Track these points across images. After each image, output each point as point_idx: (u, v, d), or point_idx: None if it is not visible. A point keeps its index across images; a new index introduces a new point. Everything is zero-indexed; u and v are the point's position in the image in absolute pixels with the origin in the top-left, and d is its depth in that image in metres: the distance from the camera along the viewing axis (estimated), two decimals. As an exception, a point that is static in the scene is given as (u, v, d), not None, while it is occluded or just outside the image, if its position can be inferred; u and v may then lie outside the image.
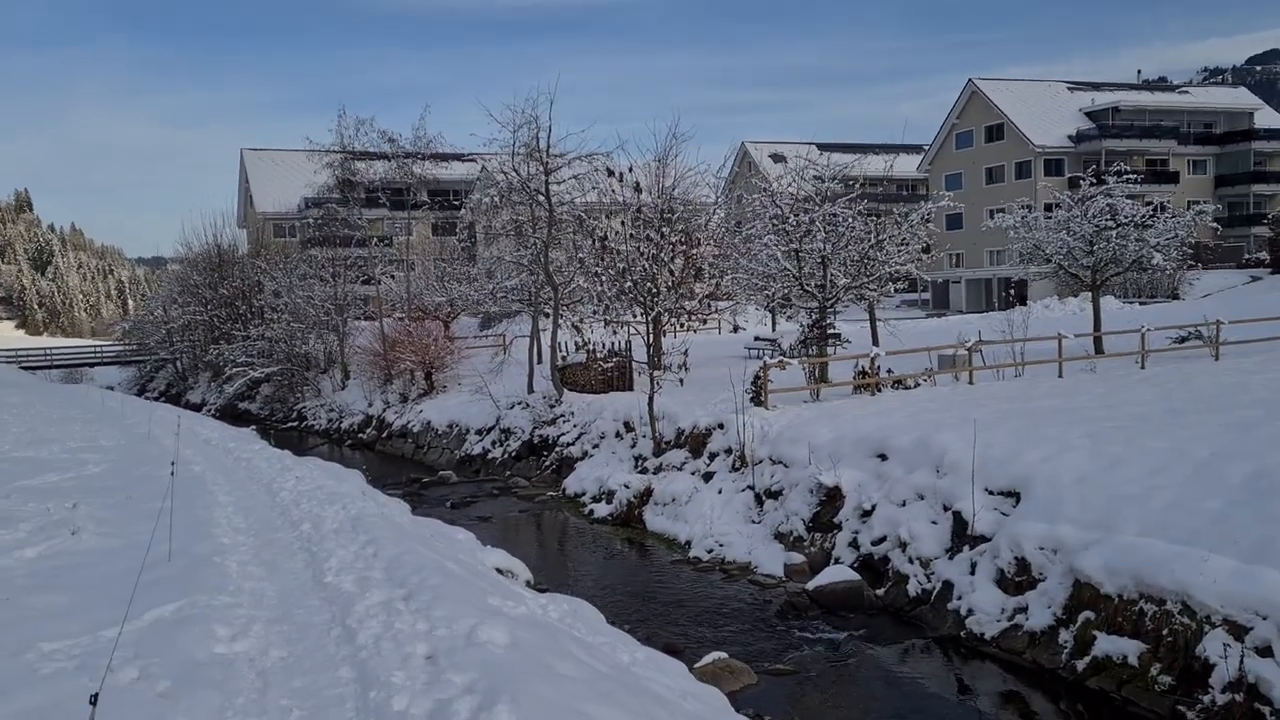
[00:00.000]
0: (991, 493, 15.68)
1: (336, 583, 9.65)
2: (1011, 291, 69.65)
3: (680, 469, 24.01)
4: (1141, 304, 61.24)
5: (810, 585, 16.67)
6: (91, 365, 76.34)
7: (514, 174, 30.76)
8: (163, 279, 75.87)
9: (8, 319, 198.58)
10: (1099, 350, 32.70)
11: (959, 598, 14.62)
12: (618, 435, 27.85)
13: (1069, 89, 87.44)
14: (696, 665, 12.85)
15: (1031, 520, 14.40)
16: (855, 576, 16.45)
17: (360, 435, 43.57)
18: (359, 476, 22.84)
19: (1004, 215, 35.20)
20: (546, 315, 36.01)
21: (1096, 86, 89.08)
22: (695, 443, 24.34)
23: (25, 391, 48.67)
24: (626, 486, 23.85)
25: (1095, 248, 33.09)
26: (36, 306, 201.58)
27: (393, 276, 56.20)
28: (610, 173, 23.82)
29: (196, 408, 55.43)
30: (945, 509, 16.26)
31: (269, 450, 20.60)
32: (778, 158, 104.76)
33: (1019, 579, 13.95)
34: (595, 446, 28.22)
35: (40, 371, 71.67)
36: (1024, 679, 12.99)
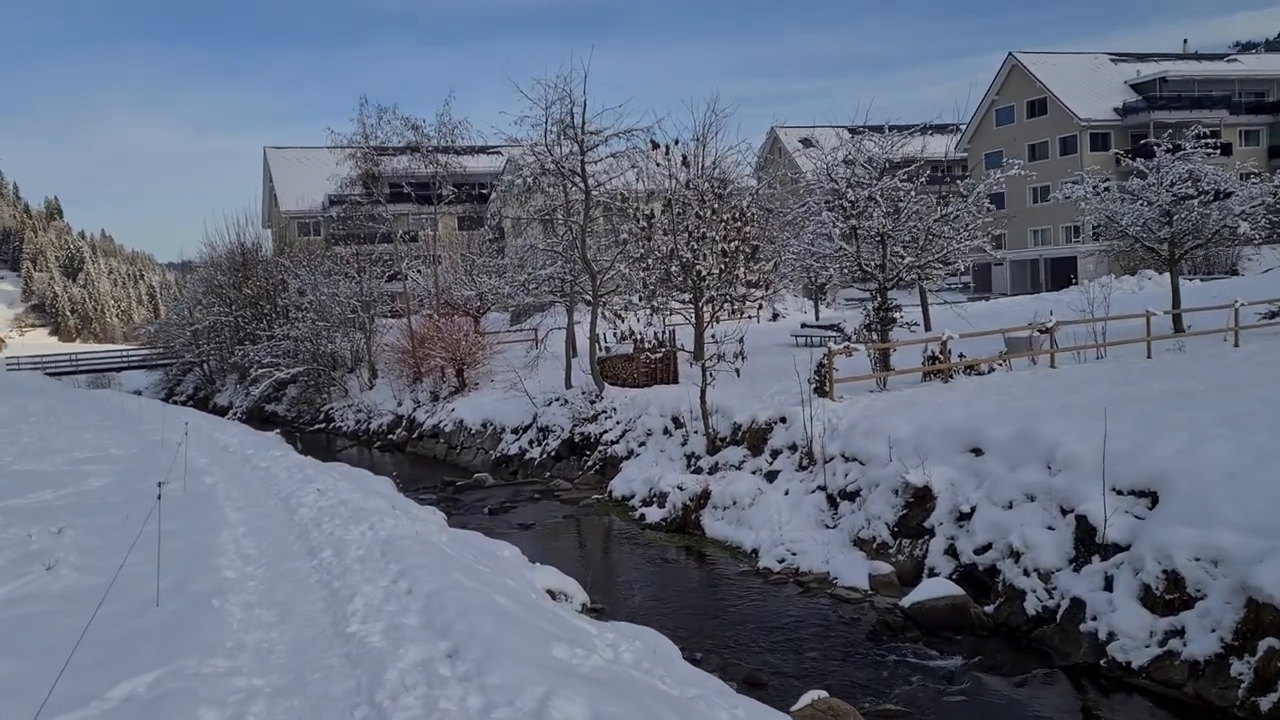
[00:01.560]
0: (1120, 493, 13.47)
1: (363, 633, 7.66)
2: (1069, 275, 67.03)
3: (739, 468, 21.91)
4: (1202, 280, 58.46)
5: (906, 601, 14.53)
6: (118, 370, 75.15)
7: (546, 155, 28.69)
8: (188, 281, 74.41)
9: (41, 326, 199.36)
10: (1178, 329, 30.19)
11: (1093, 618, 12.44)
12: (666, 432, 25.79)
13: (1112, 60, 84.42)
14: (794, 708, 10.77)
15: (1178, 525, 12.20)
16: (958, 591, 14.31)
17: (390, 436, 41.77)
18: (388, 484, 20.94)
19: (1074, 186, 32.79)
20: (584, 305, 34.02)
21: (1141, 58, 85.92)
22: (754, 439, 22.23)
23: (48, 398, 47.28)
24: (680, 488, 21.78)
25: (1174, 219, 30.61)
26: (69, 313, 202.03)
27: (419, 271, 54.39)
28: (655, 145, 21.77)
29: (223, 411, 53.90)
30: (1063, 512, 14.06)
31: (291, 457, 18.73)
32: (808, 142, 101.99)
33: (1170, 596, 11.76)
34: (642, 445, 26.17)
35: (68, 377, 70.56)
36: (1188, 718, 10.82)
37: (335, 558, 9.87)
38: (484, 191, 71.40)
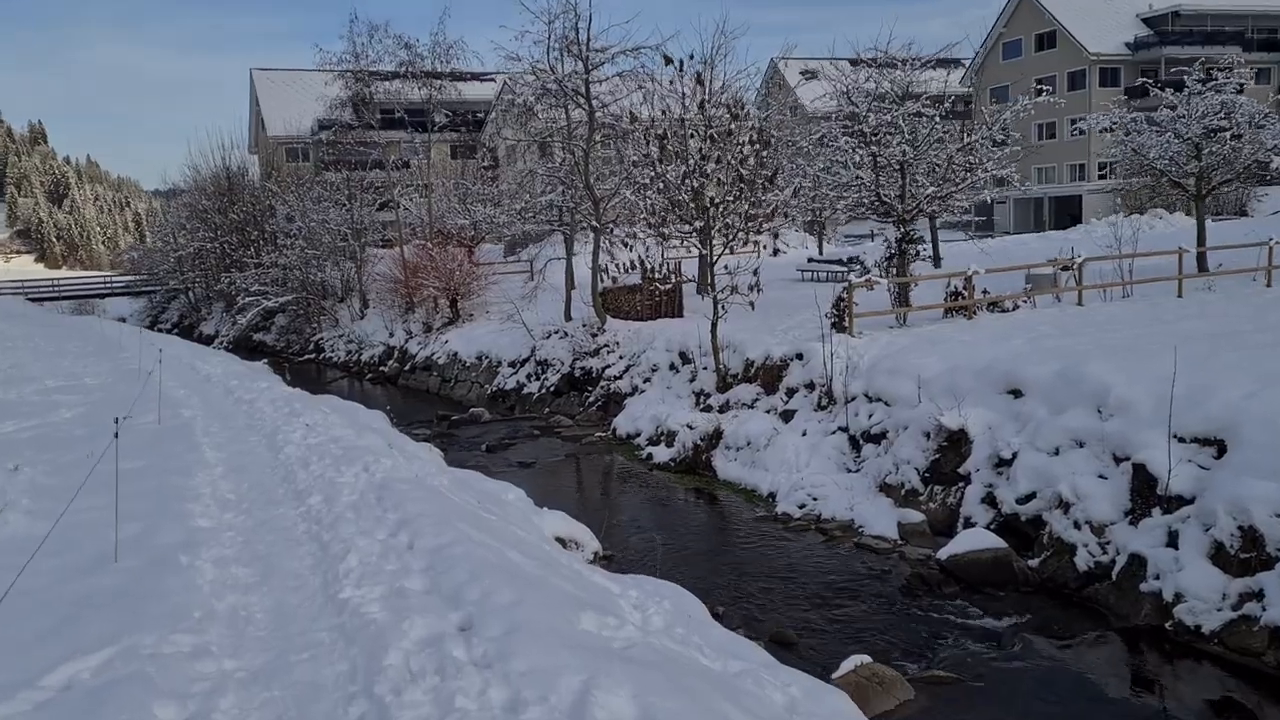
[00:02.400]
0: (1182, 440, 12.34)
1: (358, 600, 6.48)
2: (1072, 214, 65.69)
3: (752, 407, 20.76)
4: (1213, 220, 57.12)
5: (942, 554, 13.48)
6: (101, 296, 73.50)
7: (549, 74, 27.05)
8: (172, 206, 72.39)
9: (27, 252, 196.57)
10: (1202, 268, 28.90)
11: (1156, 577, 11.36)
12: (672, 368, 24.59)
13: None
14: (836, 675, 9.72)
15: (1252, 477, 11.09)
16: (999, 543, 13.24)
17: (381, 368, 40.54)
18: (382, 419, 19.74)
19: (1100, 116, 31.35)
20: (585, 234, 32.62)
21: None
22: (768, 376, 21.04)
23: (28, 324, 45.85)
24: (690, 427, 20.65)
25: (1203, 152, 29.20)
26: (55, 239, 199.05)
27: (411, 199, 52.69)
28: (668, 60, 20.23)
29: (209, 340, 52.49)
30: (1116, 460, 12.93)
31: (277, 389, 17.50)
32: (810, 74, 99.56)
33: (1246, 555, 10.68)
34: (647, 381, 24.98)
35: (51, 303, 68.93)
36: (1271, 689, 9.80)
37: (325, 504, 8.67)
38: (478, 118, 69.38)
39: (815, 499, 16.56)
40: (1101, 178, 75.38)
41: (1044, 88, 28.55)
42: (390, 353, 41.03)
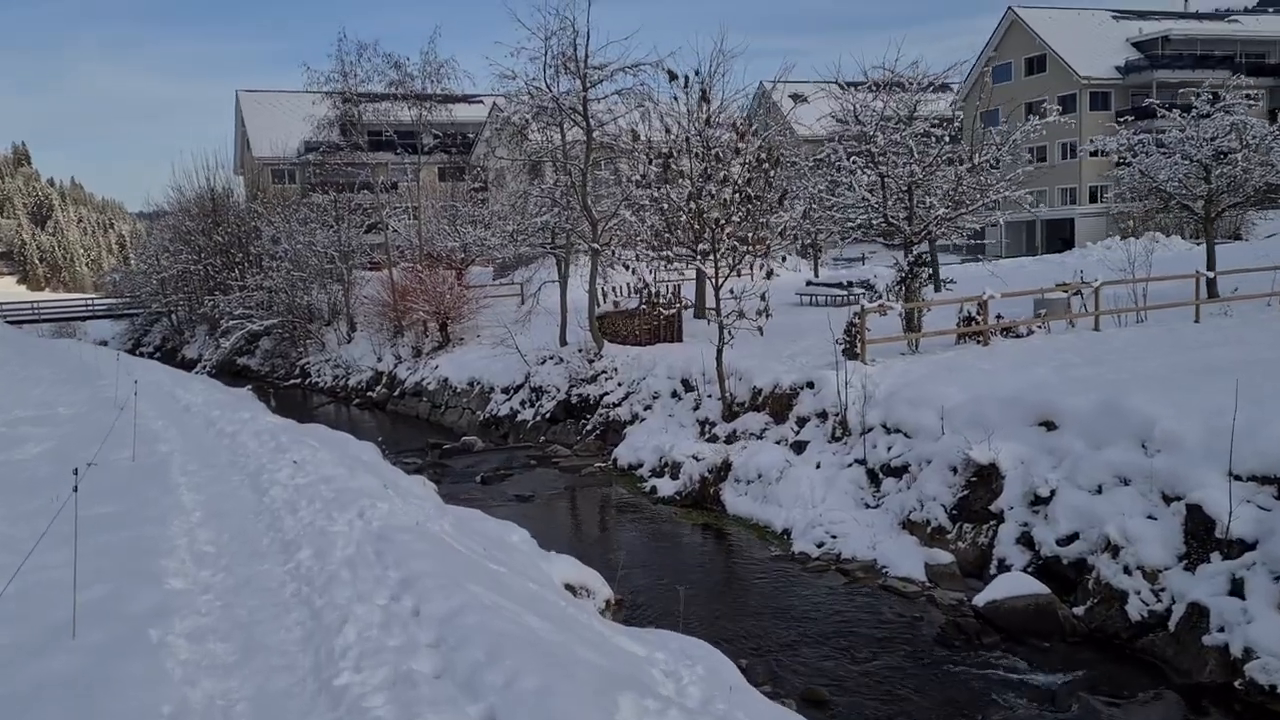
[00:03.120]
0: (1239, 478, 11.48)
1: (358, 688, 5.47)
2: (1064, 238, 65.29)
3: (760, 437, 19.84)
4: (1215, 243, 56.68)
5: (979, 600, 12.55)
6: (82, 319, 72.01)
7: (545, 91, 26.20)
8: (154, 227, 71.14)
9: (9, 274, 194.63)
10: (1211, 293, 28.13)
11: (1220, 629, 10.46)
12: (675, 395, 23.68)
13: (1114, 17, 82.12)
14: (884, 747, 8.76)
15: (1324, 521, 10.22)
16: (1041, 588, 12.32)
17: (369, 394, 39.50)
18: (374, 450, 18.75)
19: (1105, 139, 30.76)
20: (581, 257, 31.75)
21: (1143, 15, 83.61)
22: (777, 405, 20.14)
23: (4, 346, 44.54)
24: (696, 459, 19.71)
25: (1212, 174, 28.54)
26: (37, 261, 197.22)
27: (400, 220, 51.76)
28: (673, 76, 19.36)
29: (192, 364, 51.20)
30: (1166, 499, 12.05)
31: (262, 420, 16.50)
32: (799, 98, 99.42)
33: (1324, 608, 9.79)
34: (648, 408, 24.05)
35: (30, 326, 67.50)
36: (1361, 761, 8.90)
37: (317, 559, 7.68)
38: (467, 140, 68.72)
39: (834, 537, 15.62)
40: (1092, 201, 75.14)
41: (1055, 107, 27.87)
42: (378, 378, 40.01)
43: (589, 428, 25.68)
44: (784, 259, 21.11)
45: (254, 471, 11.52)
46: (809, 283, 37.87)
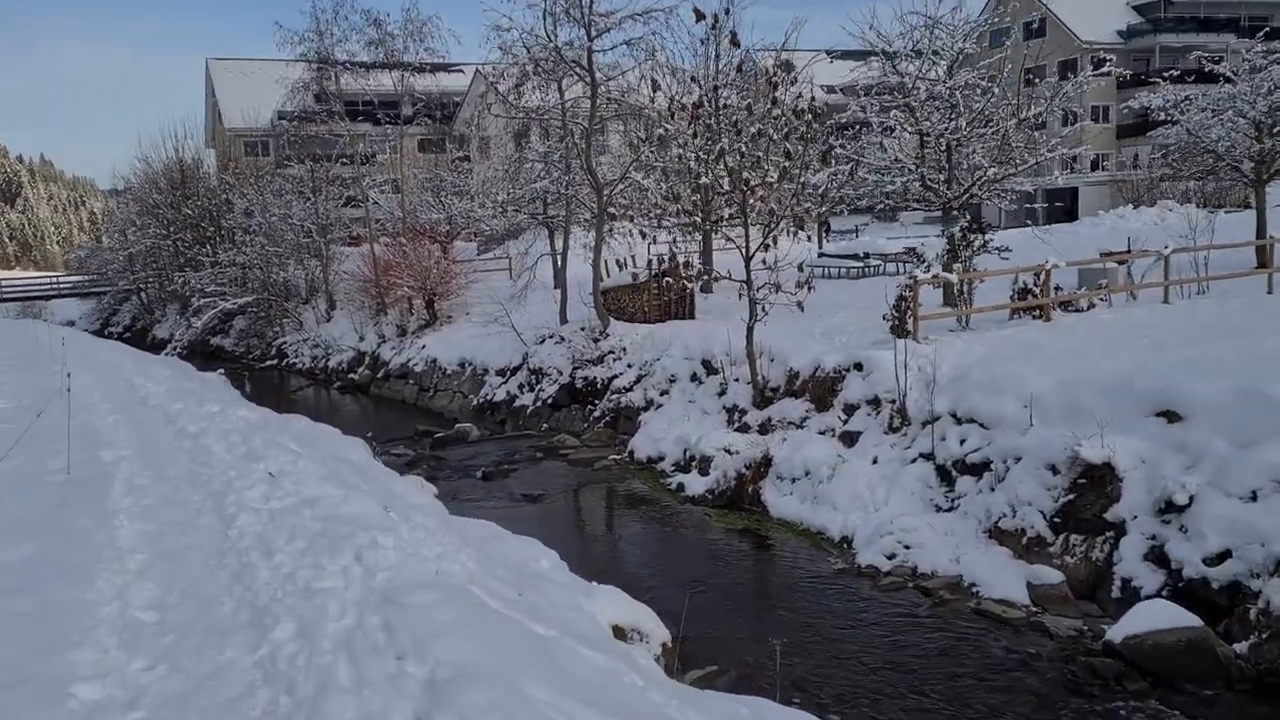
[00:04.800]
0: None
1: None
2: (1066, 208, 63.23)
3: (801, 427, 17.51)
4: (1226, 213, 54.68)
5: (1115, 635, 10.26)
6: (48, 298, 68.92)
7: (547, 41, 23.57)
8: (122, 201, 67.86)
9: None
10: (1262, 263, 25.95)
11: None
12: (695, 379, 21.32)
13: (1115, -21, 79.86)
14: None
15: None
16: (1193, 620, 10.05)
17: (351, 375, 36.95)
18: (362, 448, 16.31)
19: (1149, 95, 28.51)
20: (579, 227, 29.31)
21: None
22: (819, 390, 17.81)
23: (-41, 329, 41.70)
24: (729, 451, 17.38)
25: (1265, 133, 26.33)
26: (7, 240, 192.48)
27: (381, 191, 49.05)
28: (700, 15, 16.76)
29: (163, 344, 48.33)
30: (1348, 511, 9.81)
31: (232, 414, 14.03)
32: (786, 66, 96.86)
33: None
34: (664, 393, 21.69)
35: (-8, 307, 64.34)
36: None
37: (300, 641, 5.26)
38: (446, 112, 65.86)
39: (907, 547, 13.33)
40: (1094, 170, 73.21)
41: (1108, 56, 25.56)
42: (360, 359, 37.46)
43: (597, 414, 23.30)
44: (800, 229, 18.49)
45: (219, 489, 9.07)
46: (821, 254, 35.50)
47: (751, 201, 18.04)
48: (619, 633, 9.17)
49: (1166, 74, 30.86)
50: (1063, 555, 12.08)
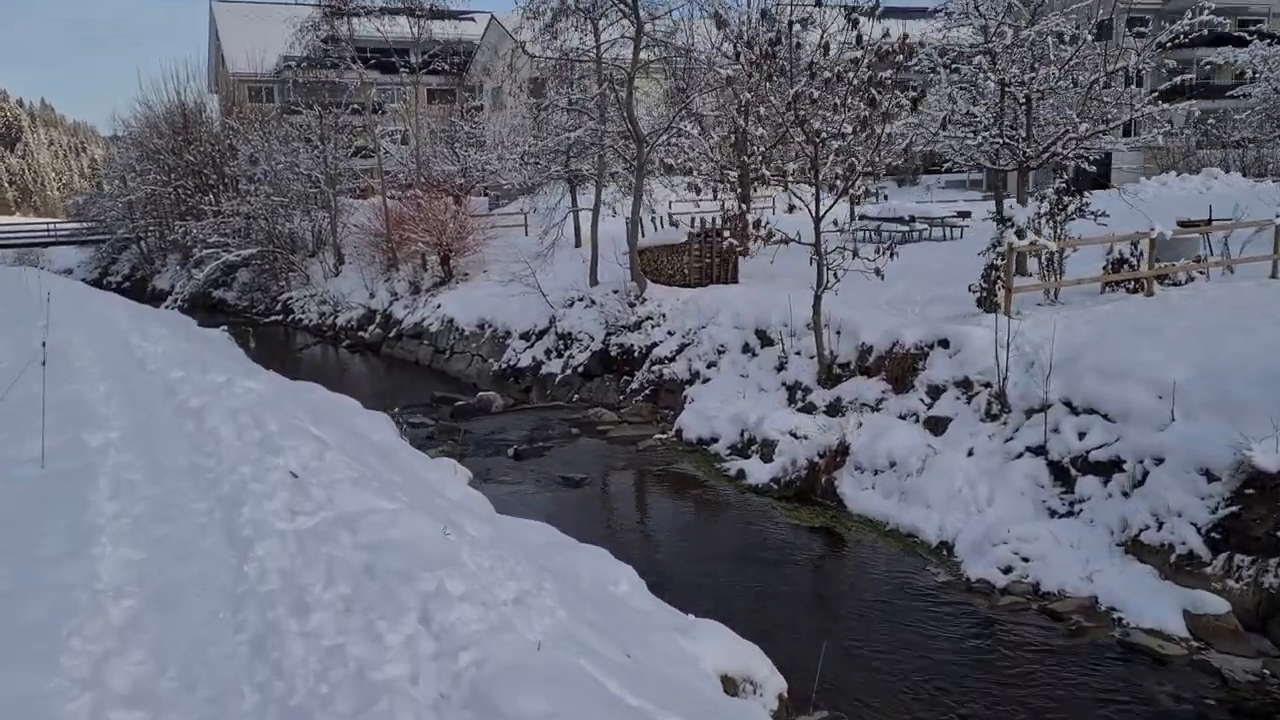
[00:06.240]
0: None
1: None
2: (1095, 178, 60.87)
3: (876, 409, 15.60)
4: (1255, 181, 52.53)
5: (1323, 688, 8.42)
6: (44, 245, 66.75)
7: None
8: (121, 145, 65.41)
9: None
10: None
11: None
12: (747, 350, 19.40)
13: (1152, -64, 77.05)
14: None
15: None
16: None
17: (360, 334, 35.04)
18: (387, 424, 14.45)
19: (1236, 52, 26.40)
20: (616, 182, 27.25)
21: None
22: (897, 369, 15.88)
23: (-53, 277, 39.54)
24: (795, 435, 15.49)
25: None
26: (6, 185, 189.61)
27: (392, 141, 46.79)
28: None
29: (163, 296, 46.23)
30: None
31: (239, 388, 12.07)
32: (806, 22, 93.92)
33: None
34: (712, 366, 19.78)
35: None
36: None
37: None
38: (458, 60, 63.37)
39: (1026, 559, 11.45)
40: (1126, 135, 71.02)
41: (1208, 4, 23.35)
42: (371, 317, 35.53)
43: (635, 386, 21.39)
44: (869, 192, 16.48)
45: (229, 494, 7.16)
46: (862, 217, 33.36)
47: (824, 155, 15.99)
48: (729, 684, 7.33)
49: (1250, 29, 28.62)
50: (1224, 579, 10.20)
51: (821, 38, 15.87)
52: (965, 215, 32.39)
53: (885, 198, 51.47)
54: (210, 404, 10.88)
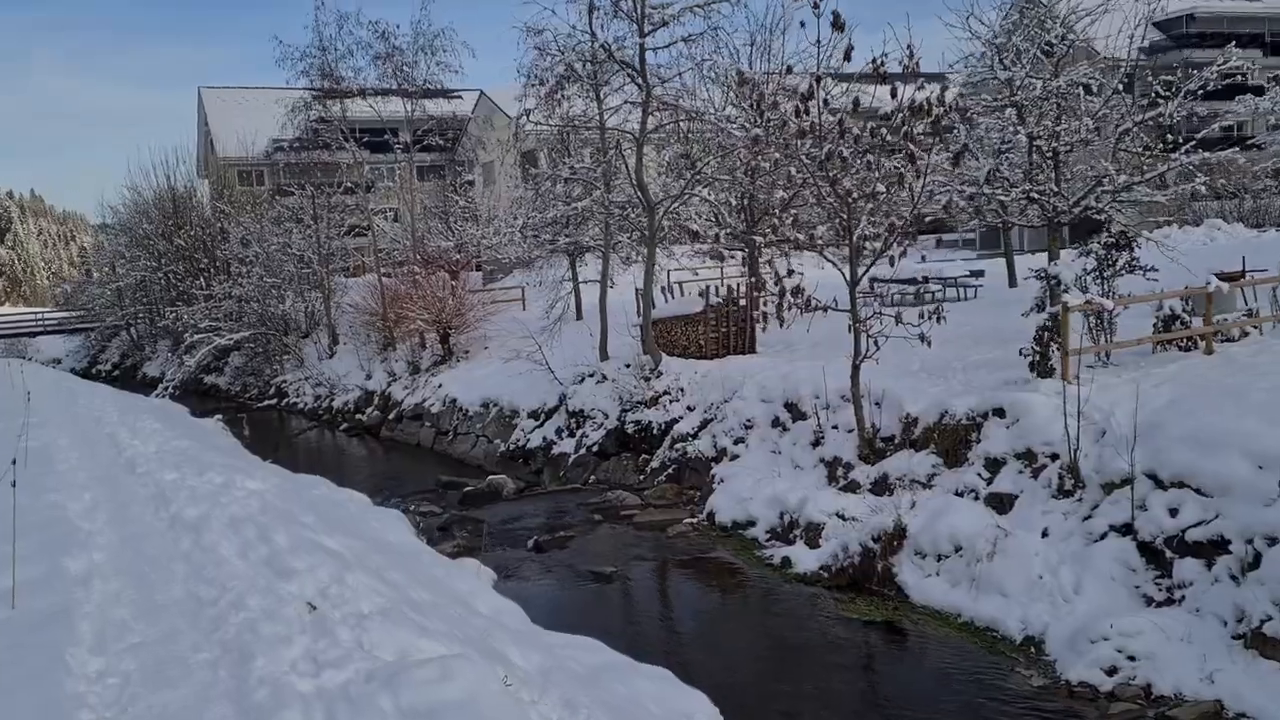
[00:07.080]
0: None
1: None
2: (1091, 230, 60.36)
3: (928, 486, 14.40)
4: (1258, 232, 51.97)
5: None
6: (32, 335, 65.54)
7: (588, 39, 20.60)
8: (111, 232, 64.68)
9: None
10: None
11: None
12: (777, 425, 18.20)
13: (1134, -4, 77.76)
14: None
15: None
16: None
17: (359, 416, 33.77)
18: (402, 524, 13.17)
19: (1251, 99, 25.76)
20: (617, 253, 26.30)
21: (1164, -8, 79.40)
22: (948, 441, 14.70)
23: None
24: (842, 517, 14.28)
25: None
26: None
27: (385, 218, 46.05)
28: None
29: (153, 383, 45.03)
30: None
31: (241, 488, 10.85)
32: (833, 77, 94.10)
33: None
34: (739, 442, 18.57)
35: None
36: None
37: None
38: (447, 138, 62.96)
39: (1132, 658, 10.15)
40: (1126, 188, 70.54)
41: (1235, 50, 22.70)
42: (369, 398, 34.32)
43: (656, 466, 20.16)
44: (903, 253, 15.59)
45: (235, 638, 5.92)
46: (874, 280, 32.39)
47: (858, 215, 14.99)
48: None
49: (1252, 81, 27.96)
50: (1370, 677, 8.95)
51: (847, 92, 14.92)
52: (979, 274, 31.50)
53: (893, 261, 50.34)
54: (209, 514, 9.64)
